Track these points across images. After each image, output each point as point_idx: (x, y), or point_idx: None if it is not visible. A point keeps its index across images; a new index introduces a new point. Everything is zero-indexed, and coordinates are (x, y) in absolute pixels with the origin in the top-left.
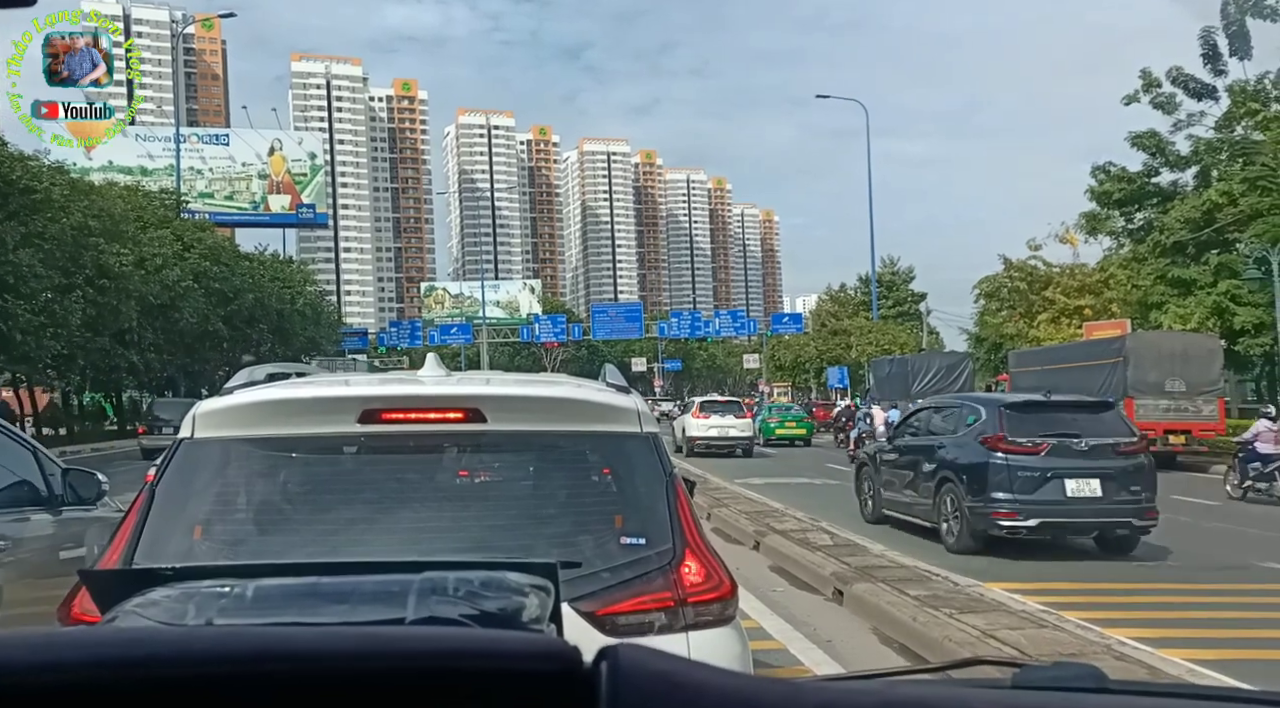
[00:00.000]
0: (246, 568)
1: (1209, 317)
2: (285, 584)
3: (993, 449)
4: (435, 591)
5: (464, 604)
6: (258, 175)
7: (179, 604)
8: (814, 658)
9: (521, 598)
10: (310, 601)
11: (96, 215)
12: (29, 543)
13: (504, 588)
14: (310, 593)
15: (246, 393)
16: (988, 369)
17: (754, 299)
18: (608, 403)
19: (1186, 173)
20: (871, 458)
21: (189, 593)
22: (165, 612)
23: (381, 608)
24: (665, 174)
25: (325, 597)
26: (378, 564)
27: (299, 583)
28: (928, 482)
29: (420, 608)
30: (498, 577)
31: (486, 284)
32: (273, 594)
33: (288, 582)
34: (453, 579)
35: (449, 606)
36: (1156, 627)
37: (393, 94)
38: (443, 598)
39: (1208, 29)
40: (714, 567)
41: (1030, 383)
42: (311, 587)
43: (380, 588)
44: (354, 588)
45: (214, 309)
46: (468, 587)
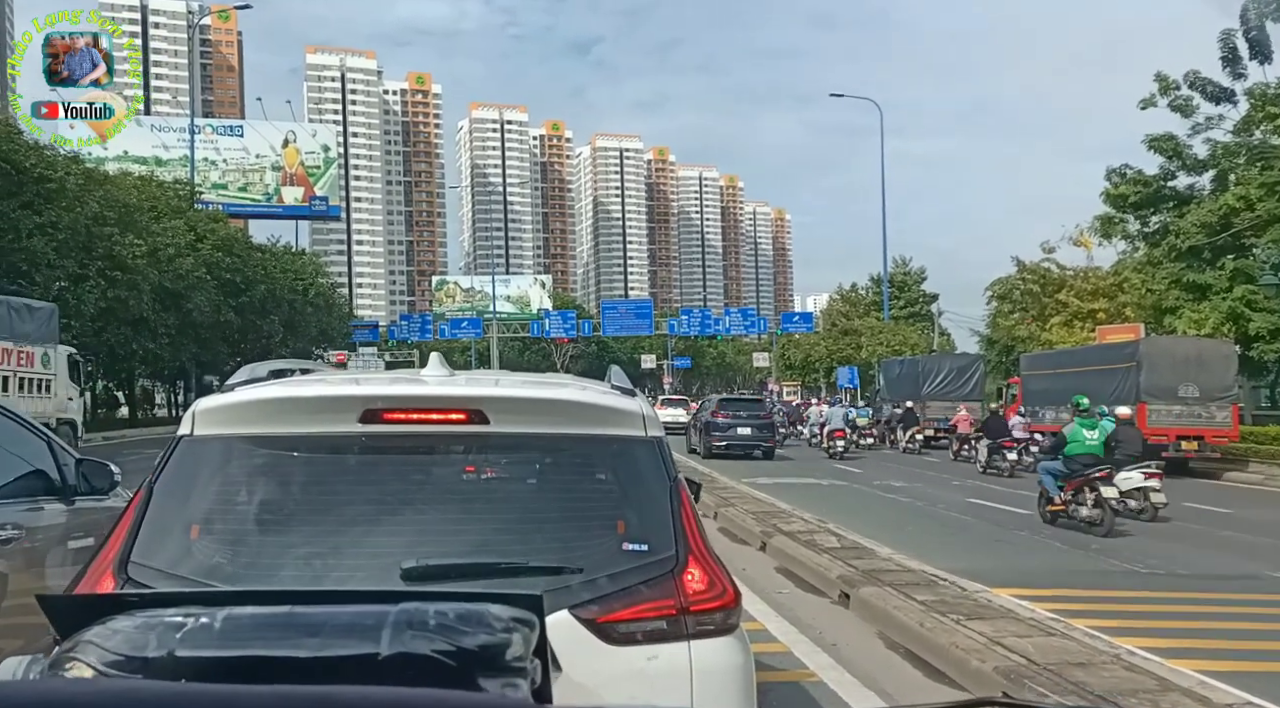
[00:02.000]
0: (217, 595)
1: (1224, 322)
2: (257, 614)
3: (713, 417)
4: (411, 624)
5: (440, 639)
6: (271, 167)
7: (140, 634)
8: (818, 662)
9: (504, 634)
10: (282, 632)
11: (111, 205)
12: (41, 532)
13: (484, 622)
14: (283, 624)
15: (248, 390)
16: (999, 372)
17: (764, 297)
18: (612, 406)
19: (1203, 177)
20: (698, 422)
21: (152, 623)
22: (126, 642)
23: (355, 642)
24: (677, 171)
25: (298, 628)
26: (354, 594)
27: (271, 613)
28: (696, 430)
29: (395, 643)
30: (478, 610)
31: (497, 279)
32: (242, 625)
33: (260, 611)
34: (431, 612)
35: (424, 641)
36: (1166, 636)
37: (406, 87)
38: (419, 632)
39: (1228, 32)
40: (717, 575)
41: (1042, 386)
42: (285, 617)
43: (355, 620)
44: (328, 619)
45: (226, 300)
46: (445, 620)
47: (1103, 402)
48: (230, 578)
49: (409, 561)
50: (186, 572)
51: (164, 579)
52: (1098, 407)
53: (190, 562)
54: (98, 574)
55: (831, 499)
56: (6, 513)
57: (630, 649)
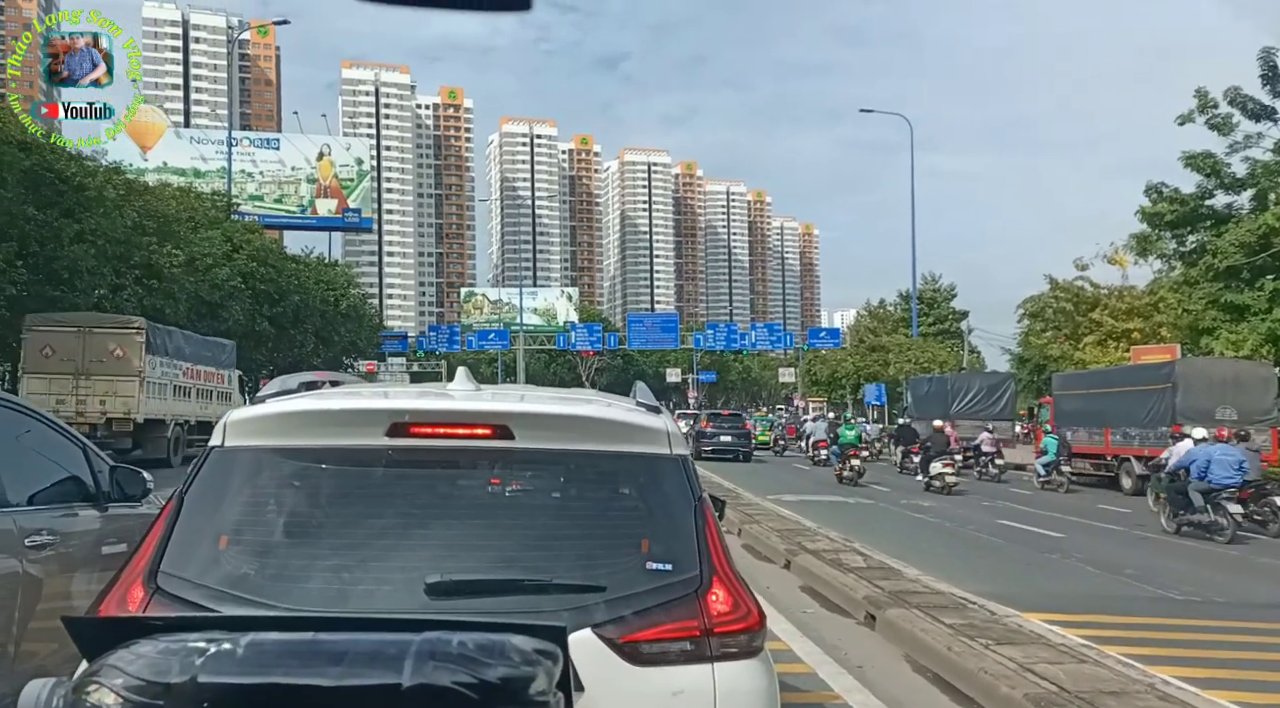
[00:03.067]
0: (241, 620)
1: (1263, 343)
2: (280, 640)
3: (702, 427)
4: (434, 655)
5: (462, 671)
6: (306, 179)
7: (164, 659)
8: (843, 684)
9: (527, 668)
10: (305, 660)
11: (149, 215)
12: (74, 538)
13: (505, 654)
14: (306, 651)
15: (278, 402)
16: (1030, 391)
17: (791, 313)
18: (637, 423)
19: (1242, 195)
20: (691, 432)
21: (175, 647)
22: (149, 667)
23: (377, 671)
24: (705, 185)
25: (321, 656)
26: (379, 621)
27: (295, 639)
28: (690, 438)
29: (416, 673)
30: (500, 641)
31: (525, 291)
32: (266, 651)
33: (283, 637)
34: (455, 642)
35: (446, 673)
36: (1202, 666)
37: (439, 102)
38: (441, 663)
39: (1268, 50)
40: (742, 596)
41: (1074, 407)
42: (309, 644)
43: (378, 648)
44: (350, 647)
45: (260, 309)
46: (467, 651)
47: (1137, 423)
48: (257, 589)
49: (433, 576)
50: (214, 582)
51: (192, 589)
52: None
53: (218, 572)
54: (128, 583)
55: (857, 517)
56: (41, 519)
57: (653, 670)
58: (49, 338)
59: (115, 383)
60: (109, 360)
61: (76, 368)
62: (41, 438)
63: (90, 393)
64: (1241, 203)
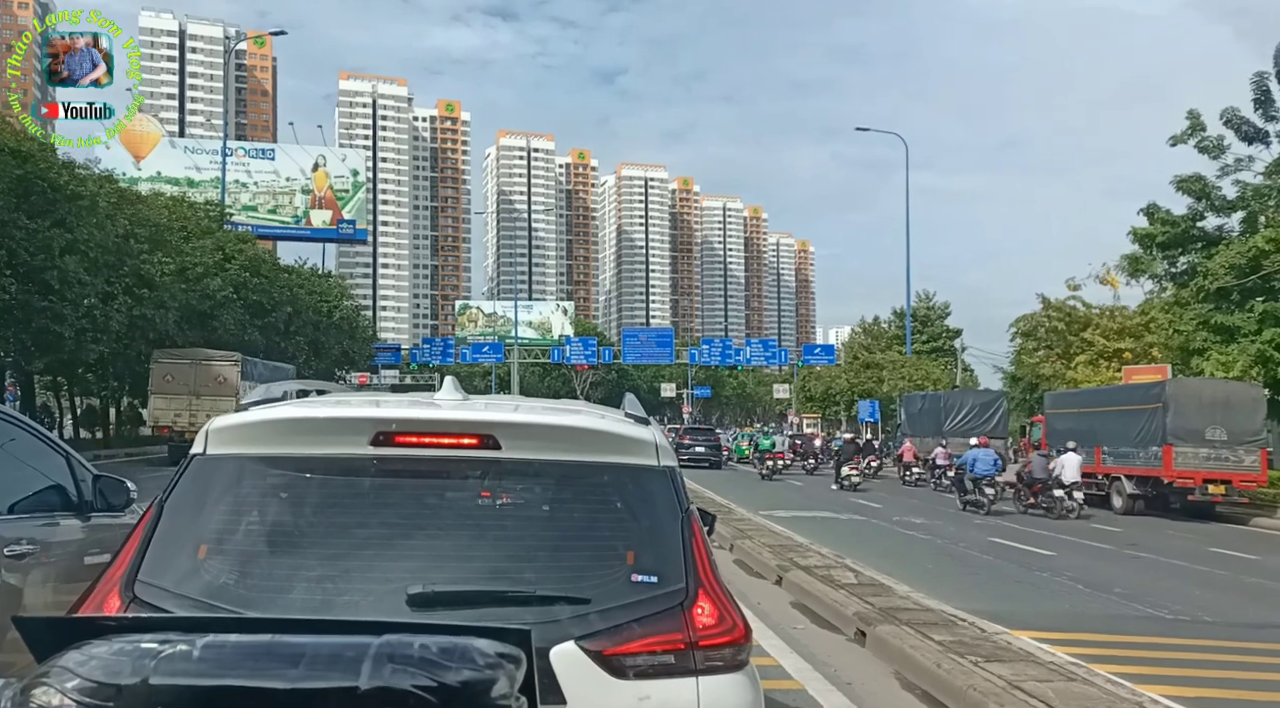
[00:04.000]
0: (198, 621)
1: (1253, 365)
2: (238, 641)
3: (680, 440)
4: (393, 658)
5: (422, 674)
6: (301, 190)
7: (116, 660)
8: (833, 702)
9: (489, 671)
10: (262, 662)
11: (141, 224)
12: (56, 548)
13: (468, 658)
14: (264, 653)
15: (261, 410)
16: (1023, 409)
17: (786, 329)
18: (625, 434)
19: (1232, 218)
20: (675, 442)
21: (128, 649)
22: (100, 668)
23: (335, 673)
24: (701, 201)
25: (278, 658)
26: (339, 623)
27: (254, 641)
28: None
29: (375, 676)
30: (462, 645)
31: (520, 304)
32: (223, 653)
33: (242, 639)
34: (415, 645)
35: (405, 675)
36: (1190, 685)
37: (436, 114)
38: (400, 666)
39: (1261, 74)
40: (728, 609)
41: (1066, 425)
42: (267, 646)
43: (337, 651)
44: (309, 649)
45: (252, 320)
46: (429, 654)
47: (1128, 443)
48: (236, 599)
49: (415, 587)
50: (193, 592)
51: (170, 599)
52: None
53: (197, 582)
54: (104, 592)
55: (849, 534)
56: (23, 528)
57: (637, 683)
58: (170, 367)
59: (219, 402)
60: (214, 384)
61: (190, 390)
62: (25, 447)
63: (200, 409)
64: (1232, 225)
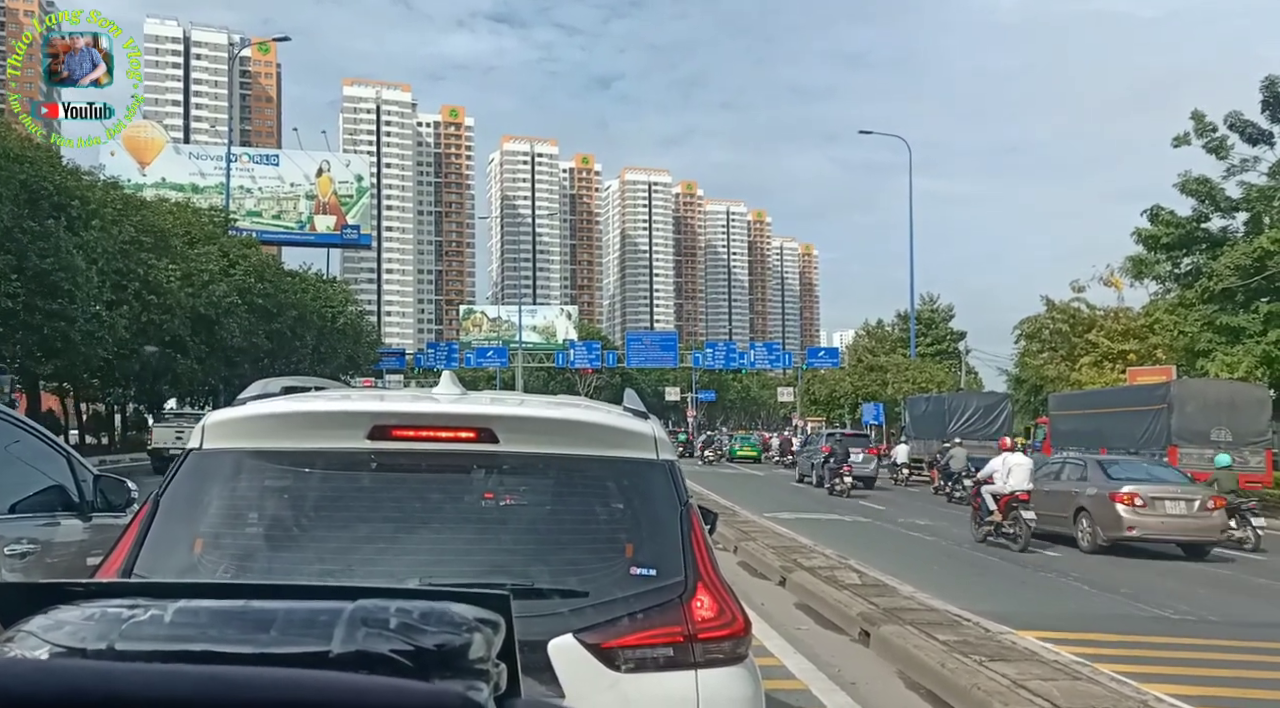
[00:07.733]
0: (169, 586)
1: (1257, 365)
2: (209, 607)
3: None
4: (367, 622)
5: (397, 639)
6: (305, 196)
7: (84, 626)
8: (836, 701)
9: (466, 634)
10: (230, 626)
11: (146, 230)
12: (57, 548)
13: (445, 621)
14: (235, 617)
15: (258, 405)
16: (1027, 411)
17: (790, 332)
18: (624, 427)
19: (1236, 219)
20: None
21: (95, 614)
22: (67, 634)
23: (307, 638)
24: (705, 205)
25: (250, 623)
26: (313, 588)
27: (223, 606)
28: None
29: (348, 640)
30: (440, 609)
31: (524, 309)
32: (192, 618)
33: (211, 604)
34: (392, 609)
35: (380, 639)
36: (1195, 684)
37: (440, 120)
38: (374, 630)
39: (1272, 78)
40: (727, 602)
41: (1070, 427)
42: (239, 611)
43: (310, 616)
44: (281, 614)
45: (257, 325)
46: (406, 619)
47: (1133, 444)
48: None
49: (413, 580)
50: None
51: None
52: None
53: (192, 577)
54: None
55: (854, 535)
56: (24, 527)
57: (636, 677)
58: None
59: None
60: None
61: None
62: (27, 448)
63: None
64: (1236, 226)
